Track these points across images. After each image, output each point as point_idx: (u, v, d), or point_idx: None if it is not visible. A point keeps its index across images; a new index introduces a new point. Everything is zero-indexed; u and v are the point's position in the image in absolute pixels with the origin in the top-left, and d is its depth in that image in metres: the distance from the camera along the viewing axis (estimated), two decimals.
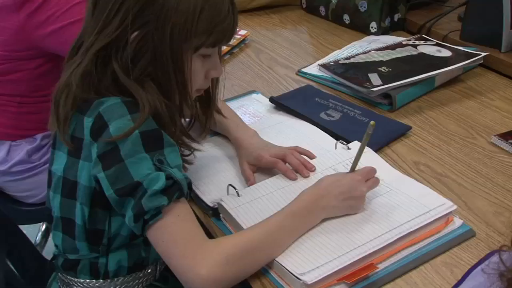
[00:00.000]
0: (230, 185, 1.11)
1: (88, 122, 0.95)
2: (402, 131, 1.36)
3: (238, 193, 1.09)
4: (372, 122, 1.00)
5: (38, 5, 1.42)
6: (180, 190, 0.92)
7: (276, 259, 0.95)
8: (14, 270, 1.23)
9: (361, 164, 1.15)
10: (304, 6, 2.11)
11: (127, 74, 0.96)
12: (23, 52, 1.51)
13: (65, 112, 0.98)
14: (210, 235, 1.09)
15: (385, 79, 1.48)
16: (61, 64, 1.04)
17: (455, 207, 1.05)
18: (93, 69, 0.96)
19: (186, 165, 1.13)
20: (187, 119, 1.17)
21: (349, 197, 1.02)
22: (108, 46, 0.95)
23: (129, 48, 0.95)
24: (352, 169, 1.06)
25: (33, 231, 2.08)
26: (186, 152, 1.11)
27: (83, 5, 1.38)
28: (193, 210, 1.12)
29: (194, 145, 1.11)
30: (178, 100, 1.01)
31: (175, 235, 0.90)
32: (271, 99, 1.46)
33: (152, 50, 0.96)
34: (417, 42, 1.70)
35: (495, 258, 0.67)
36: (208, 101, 1.16)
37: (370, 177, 1.06)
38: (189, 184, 0.96)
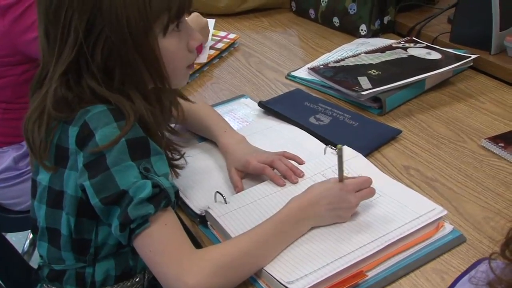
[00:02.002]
0: (218, 192, 1.09)
1: (73, 131, 0.93)
2: (392, 135, 1.34)
3: (225, 200, 1.07)
4: (338, 146, 1.00)
5: (23, 11, 1.41)
6: (167, 198, 0.91)
7: (264, 267, 0.94)
8: None
9: (351, 170, 1.15)
10: (293, 9, 2.10)
11: (106, 86, 0.93)
12: (9, 57, 1.49)
13: (40, 138, 0.95)
14: (197, 243, 1.08)
15: (374, 82, 1.47)
16: None
17: (445, 212, 1.04)
18: (67, 92, 0.93)
19: (177, 170, 1.12)
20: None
21: (337, 207, 1.01)
22: (73, 65, 0.92)
23: (97, 61, 0.92)
24: (340, 179, 1.04)
25: (21, 239, 2.06)
26: (176, 156, 1.10)
27: None
28: (180, 217, 1.11)
29: (185, 149, 1.10)
30: (157, 100, 0.99)
31: (162, 244, 0.89)
32: (260, 104, 1.45)
33: (118, 55, 0.92)
34: (407, 45, 1.69)
35: (483, 267, 0.66)
36: None
37: (362, 188, 1.04)
38: (177, 193, 0.94)
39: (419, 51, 1.64)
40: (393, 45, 1.70)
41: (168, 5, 0.93)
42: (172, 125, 1.26)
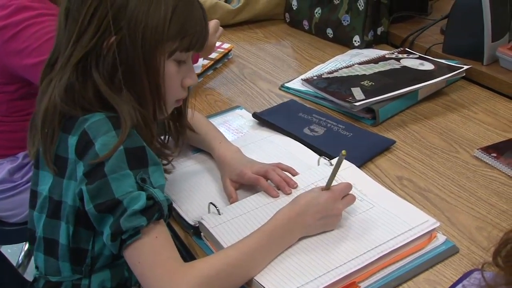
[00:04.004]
0: (211, 203, 1.09)
1: (72, 140, 0.95)
2: (386, 146, 1.35)
3: (219, 211, 1.08)
4: (343, 152, 1.00)
5: (10, 36, 1.40)
6: (160, 211, 0.91)
7: (256, 278, 0.94)
8: None
9: (343, 180, 1.14)
10: (287, 20, 2.11)
11: (108, 85, 0.96)
12: (0, 78, 1.49)
13: (52, 130, 0.97)
14: (190, 254, 1.08)
15: (368, 93, 1.48)
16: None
17: (438, 224, 1.05)
18: (75, 82, 0.96)
19: (165, 174, 1.12)
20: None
21: (325, 216, 1.02)
22: (87, 56, 0.95)
23: (108, 56, 0.95)
24: (327, 187, 1.04)
25: (17, 251, 2.06)
26: (164, 161, 1.11)
27: None
28: (174, 228, 1.12)
29: (180, 159, 1.12)
30: (151, 107, 1.01)
31: (151, 257, 0.89)
32: (254, 115, 1.45)
33: (126, 56, 0.95)
34: (400, 56, 1.71)
35: (476, 274, 0.67)
36: (179, 117, 1.16)
37: (346, 193, 1.05)
38: (170, 206, 0.95)
39: (412, 62, 1.65)
40: (386, 56, 1.71)
41: (183, 35, 0.98)
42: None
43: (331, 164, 1.22)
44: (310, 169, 1.21)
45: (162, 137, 1.16)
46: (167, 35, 0.96)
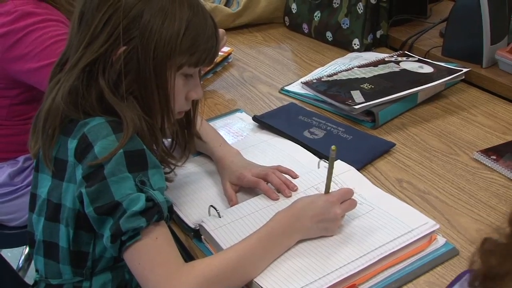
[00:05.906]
0: (211, 206, 1.10)
1: (72, 143, 0.95)
2: (386, 148, 1.35)
3: (219, 214, 1.08)
4: (333, 147, 0.99)
5: (13, 42, 1.40)
6: (160, 212, 0.91)
7: (256, 280, 0.94)
8: None
9: (344, 184, 1.15)
10: (287, 23, 2.12)
11: (113, 92, 0.96)
12: (2, 84, 1.50)
13: (53, 130, 0.98)
14: (191, 256, 1.08)
15: (367, 96, 1.48)
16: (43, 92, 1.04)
17: (437, 226, 1.05)
18: (80, 85, 0.96)
19: (167, 182, 1.13)
20: (169, 139, 1.17)
21: (323, 219, 1.01)
22: (95, 61, 0.96)
23: (116, 64, 0.95)
24: (326, 191, 1.05)
25: (17, 254, 2.05)
26: (167, 169, 1.11)
27: (60, 44, 1.36)
28: (174, 231, 1.12)
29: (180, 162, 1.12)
30: (160, 117, 1.02)
31: (151, 258, 0.90)
32: (254, 118, 1.46)
33: (137, 66, 0.96)
34: (399, 59, 1.71)
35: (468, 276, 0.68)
36: (188, 126, 1.16)
37: (346, 199, 1.05)
38: (170, 208, 0.95)
39: (411, 65, 1.65)
40: (386, 59, 1.71)
41: (194, 50, 0.99)
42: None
43: None
44: (310, 172, 1.21)
45: (170, 145, 1.17)
46: (179, 50, 0.97)
